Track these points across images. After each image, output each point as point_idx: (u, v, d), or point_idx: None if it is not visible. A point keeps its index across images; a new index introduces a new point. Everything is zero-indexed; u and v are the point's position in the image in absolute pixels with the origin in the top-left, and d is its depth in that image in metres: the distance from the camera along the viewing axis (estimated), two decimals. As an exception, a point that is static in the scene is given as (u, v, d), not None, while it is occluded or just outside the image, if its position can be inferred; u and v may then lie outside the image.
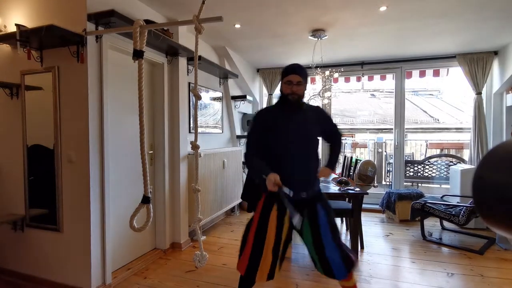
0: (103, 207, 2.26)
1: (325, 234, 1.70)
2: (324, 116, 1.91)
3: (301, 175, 1.75)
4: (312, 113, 1.85)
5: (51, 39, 2.06)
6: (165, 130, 2.99)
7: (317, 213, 1.74)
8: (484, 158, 0.53)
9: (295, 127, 1.77)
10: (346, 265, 1.70)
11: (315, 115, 1.85)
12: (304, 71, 1.79)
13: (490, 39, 3.57)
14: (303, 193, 1.74)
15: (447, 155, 5.84)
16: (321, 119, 1.88)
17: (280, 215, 1.75)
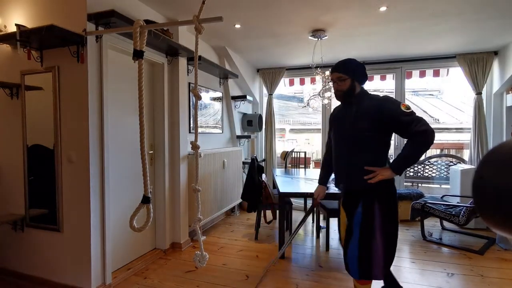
0: (103, 207, 2.26)
1: (355, 229, 1.75)
2: (379, 109, 1.69)
3: (341, 169, 1.84)
4: (369, 106, 1.72)
5: (51, 39, 2.06)
6: (165, 130, 2.99)
7: (356, 209, 1.76)
8: (484, 158, 0.53)
9: (341, 122, 1.83)
10: (360, 270, 1.72)
11: (370, 108, 1.71)
12: (345, 66, 1.79)
13: (490, 39, 3.57)
14: (341, 186, 1.87)
15: (447, 155, 5.84)
16: (375, 112, 1.69)
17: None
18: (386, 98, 1.74)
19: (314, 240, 3.48)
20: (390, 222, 1.73)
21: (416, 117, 1.62)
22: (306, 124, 9.46)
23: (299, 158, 5.00)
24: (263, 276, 2.53)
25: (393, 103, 1.69)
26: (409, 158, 1.65)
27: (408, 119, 1.61)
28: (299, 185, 3.34)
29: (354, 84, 1.78)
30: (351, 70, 1.78)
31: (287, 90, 6.90)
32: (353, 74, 1.77)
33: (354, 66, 1.79)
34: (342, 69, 1.78)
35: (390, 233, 1.74)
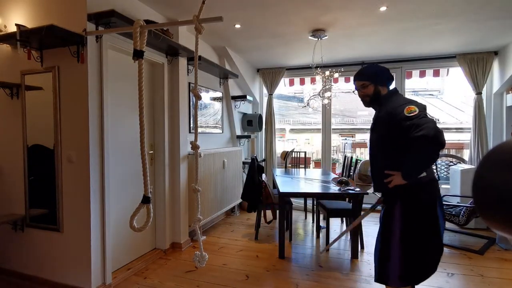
0: (103, 207, 2.26)
1: (379, 229, 1.81)
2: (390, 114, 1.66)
3: (373, 175, 1.86)
4: (386, 111, 1.71)
5: (51, 39, 2.06)
6: (165, 130, 2.99)
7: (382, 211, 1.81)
8: (484, 158, 0.53)
9: (371, 128, 1.85)
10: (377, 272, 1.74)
11: (386, 113, 1.70)
12: (364, 73, 1.84)
13: (490, 39, 3.57)
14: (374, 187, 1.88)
15: (447, 155, 5.84)
16: (387, 116, 1.68)
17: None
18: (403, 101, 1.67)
19: (314, 240, 3.48)
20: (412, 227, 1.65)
21: (417, 121, 1.51)
22: (306, 124, 9.47)
23: (299, 158, 5.00)
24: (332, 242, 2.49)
25: (400, 106, 1.62)
26: (413, 164, 1.57)
27: (408, 124, 1.54)
28: (299, 185, 3.34)
29: (378, 89, 1.80)
30: (371, 75, 1.81)
31: (287, 90, 6.91)
32: (374, 79, 1.80)
33: (374, 71, 1.81)
34: (363, 76, 1.83)
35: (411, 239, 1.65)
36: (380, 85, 1.80)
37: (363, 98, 1.86)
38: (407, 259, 1.65)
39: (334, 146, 7.67)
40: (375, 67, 1.84)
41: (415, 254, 1.65)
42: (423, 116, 1.53)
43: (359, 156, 7.65)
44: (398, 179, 1.64)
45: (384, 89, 1.81)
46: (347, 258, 2.93)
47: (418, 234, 1.65)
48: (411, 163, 1.57)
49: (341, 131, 11.02)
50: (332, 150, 5.22)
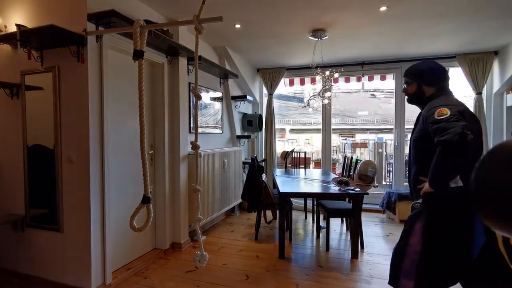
0: (103, 207, 2.26)
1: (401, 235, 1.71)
2: (425, 114, 1.57)
3: (408, 179, 1.77)
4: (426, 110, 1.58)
5: (51, 39, 2.06)
6: (165, 130, 2.99)
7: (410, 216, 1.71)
8: (484, 157, 0.53)
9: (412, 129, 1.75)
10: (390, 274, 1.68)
11: (424, 113, 1.59)
12: (410, 70, 1.79)
13: (490, 39, 3.57)
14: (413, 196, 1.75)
15: (447, 155, 5.85)
16: (421, 119, 1.60)
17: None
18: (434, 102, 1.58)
19: (314, 240, 3.48)
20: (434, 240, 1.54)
21: (444, 124, 1.41)
22: (306, 124, 9.48)
23: (299, 158, 5.00)
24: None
25: (432, 110, 1.53)
26: (436, 170, 1.47)
27: (435, 128, 1.44)
28: (299, 185, 3.34)
29: (421, 88, 1.71)
30: (414, 73, 1.74)
31: (287, 90, 6.92)
32: (418, 77, 1.72)
33: (420, 70, 1.73)
34: (407, 73, 1.78)
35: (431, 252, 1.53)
36: (424, 85, 1.70)
37: (406, 95, 1.81)
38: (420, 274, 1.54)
39: (334, 146, 7.68)
40: (425, 65, 1.74)
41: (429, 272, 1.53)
42: (454, 119, 1.40)
43: (359, 156, 7.65)
44: (426, 186, 1.53)
45: (430, 89, 1.69)
46: (347, 258, 2.93)
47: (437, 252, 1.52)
48: (434, 170, 1.47)
49: (341, 131, 11.03)
50: (332, 150, 5.23)
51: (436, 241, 1.52)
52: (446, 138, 1.36)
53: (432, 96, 1.67)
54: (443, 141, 1.38)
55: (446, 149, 1.38)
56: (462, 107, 1.52)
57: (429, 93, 1.70)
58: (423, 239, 1.54)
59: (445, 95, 1.66)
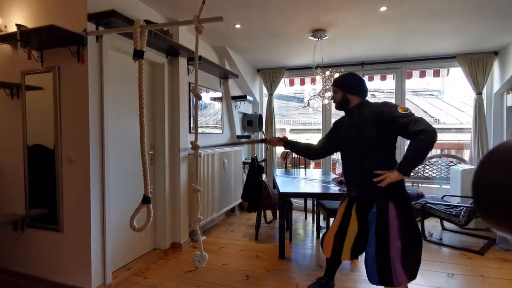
0: (103, 207, 2.26)
1: (372, 231, 1.82)
2: (379, 114, 1.79)
3: (353, 176, 1.93)
4: (370, 113, 1.84)
5: (51, 39, 2.06)
6: (165, 130, 2.99)
7: (369, 213, 1.86)
8: (485, 158, 0.53)
9: (347, 132, 1.96)
10: (380, 276, 1.74)
11: (371, 115, 1.83)
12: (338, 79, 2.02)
13: (490, 39, 3.56)
14: (353, 192, 1.96)
15: (447, 155, 5.84)
16: (376, 117, 1.80)
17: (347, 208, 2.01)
18: (384, 103, 1.85)
19: (314, 240, 3.48)
20: (406, 222, 1.76)
21: (415, 117, 1.67)
22: (307, 124, 9.45)
23: (299, 158, 5.00)
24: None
25: (391, 107, 1.78)
26: (412, 158, 1.68)
27: (406, 120, 1.67)
28: (299, 185, 3.34)
29: (346, 96, 1.96)
30: (342, 83, 1.98)
31: (287, 90, 6.91)
32: (344, 87, 1.96)
33: (346, 80, 1.98)
34: (335, 82, 2.02)
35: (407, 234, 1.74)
36: (349, 94, 1.95)
37: (333, 101, 2.06)
38: (407, 254, 1.72)
39: (334, 146, 7.64)
40: (349, 77, 1.99)
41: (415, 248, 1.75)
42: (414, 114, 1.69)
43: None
44: (394, 176, 1.72)
45: (355, 98, 1.95)
46: (347, 258, 2.93)
47: (412, 227, 1.78)
48: (413, 156, 1.66)
49: (341, 131, 10.99)
50: (332, 150, 5.21)
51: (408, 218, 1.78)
52: (425, 128, 1.59)
53: (360, 104, 1.93)
54: (423, 130, 1.58)
55: (428, 135, 1.58)
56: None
57: (354, 101, 1.95)
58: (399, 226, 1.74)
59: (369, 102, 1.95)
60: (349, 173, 1.99)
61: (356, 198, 1.96)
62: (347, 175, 2.01)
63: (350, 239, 1.98)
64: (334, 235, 2.04)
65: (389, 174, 1.73)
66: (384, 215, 1.77)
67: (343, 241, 2.00)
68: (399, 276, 1.70)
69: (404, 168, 1.71)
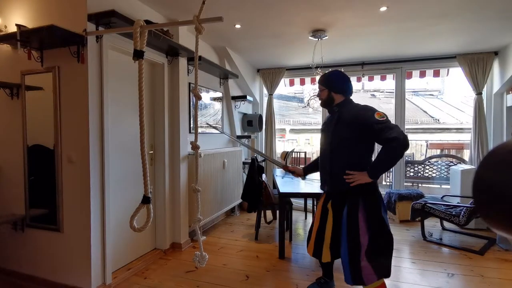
0: (103, 207, 2.26)
1: (343, 230, 1.85)
2: (356, 117, 1.82)
3: (325, 172, 1.98)
4: (348, 115, 1.87)
5: (51, 39, 2.06)
6: (165, 130, 2.99)
7: (343, 208, 1.89)
8: (485, 158, 0.53)
9: (326, 129, 2.00)
10: (353, 276, 1.76)
11: (348, 116, 1.86)
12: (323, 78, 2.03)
13: (490, 40, 3.57)
14: (324, 187, 2.02)
15: (447, 156, 5.84)
16: (352, 119, 1.83)
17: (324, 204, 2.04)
18: (363, 107, 1.87)
19: (314, 240, 3.48)
20: (374, 218, 1.80)
21: (389, 125, 1.70)
22: (306, 124, 9.45)
23: (299, 158, 5.00)
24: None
25: (368, 111, 1.80)
26: (382, 163, 1.73)
27: (380, 127, 1.70)
28: (299, 185, 3.34)
29: (331, 95, 1.97)
30: (327, 82, 2.00)
31: (287, 90, 6.92)
32: (329, 85, 1.98)
33: (331, 79, 1.99)
34: (320, 81, 2.04)
35: (375, 230, 1.78)
36: (333, 92, 1.97)
37: (319, 99, 2.07)
38: (376, 252, 1.76)
39: (334, 146, 7.63)
40: (335, 75, 2.01)
41: (382, 244, 1.79)
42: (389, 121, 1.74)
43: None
44: (363, 178, 1.77)
45: (339, 96, 1.97)
46: (347, 258, 2.92)
47: (380, 226, 1.81)
48: (382, 162, 1.72)
49: (341, 131, 11.00)
50: (332, 150, 5.21)
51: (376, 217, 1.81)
52: (396, 136, 1.63)
53: (343, 103, 1.96)
54: (394, 138, 1.63)
55: (398, 144, 1.62)
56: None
57: (338, 99, 1.97)
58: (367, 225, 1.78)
59: (352, 102, 1.98)
60: (322, 168, 2.03)
61: (330, 194, 1.99)
62: (321, 170, 2.06)
63: (328, 240, 1.97)
64: (315, 235, 2.04)
65: (359, 175, 1.79)
66: (354, 212, 1.81)
67: (322, 240, 1.99)
68: (366, 274, 1.73)
69: (372, 172, 1.76)
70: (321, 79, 2.04)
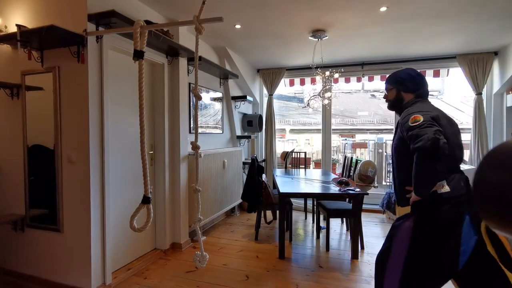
0: (103, 207, 2.26)
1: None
2: (401, 122, 1.58)
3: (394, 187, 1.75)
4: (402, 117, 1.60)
5: (51, 39, 2.06)
6: (165, 130, 2.99)
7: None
8: (485, 158, 0.53)
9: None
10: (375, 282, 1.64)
11: (401, 120, 1.60)
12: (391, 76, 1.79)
13: (490, 40, 3.57)
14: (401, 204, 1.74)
15: (447, 156, 5.84)
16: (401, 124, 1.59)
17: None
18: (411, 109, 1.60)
19: (314, 240, 3.48)
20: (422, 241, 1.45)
21: (417, 131, 1.43)
22: (306, 125, 9.47)
23: (299, 158, 5.00)
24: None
25: (408, 115, 1.54)
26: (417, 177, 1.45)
27: (409, 135, 1.47)
28: (299, 185, 3.34)
29: (400, 95, 1.73)
30: (394, 80, 1.75)
31: (287, 90, 6.92)
32: (397, 83, 1.73)
33: (400, 77, 1.73)
34: (388, 79, 1.80)
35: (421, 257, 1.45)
36: (403, 91, 1.71)
37: (386, 101, 1.82)
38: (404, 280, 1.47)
39: (334, 146, 7.68)
40: (404, 72, 1.74)
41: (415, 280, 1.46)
42: (426, 125, 1.41)
43: (359, 157, 7.65)
44: (413, 195, 1.50)
45: (408, 96, 1.71)
46: (347, 259, 2.93)
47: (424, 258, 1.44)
48: (415, 178, 1.45)
49: (341, 131, 11.03)
50: (332, 151, 5.22)
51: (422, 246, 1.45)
52: (420, 145, 1.38)
53: (409, 103, 1.69)
54: (417, 148, 1.39)
55: (421, 155, 1.39)
56: (436, 113, 1.52)
57: (407, 99, 1.71)
58: (409, 244, 1.48)
59: (421, 102, 1.67)
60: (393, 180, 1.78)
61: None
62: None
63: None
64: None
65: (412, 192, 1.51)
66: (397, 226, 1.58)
67: None
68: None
69: (415, 188, 1.48)
70: (388, 78, 1.80)
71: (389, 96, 1.78)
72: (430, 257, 1.42)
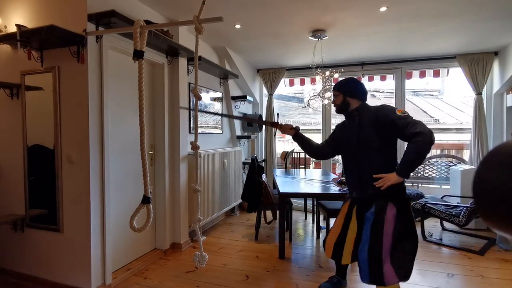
0: (103, 208, 2.26)
1: (366, 232, 1.84)
2: (377, 116, 1.83)
3: (353, 178, 1.97)
4: (369, 116, 1.87)
5: (51, 39, 2.06)
6: (165, 130, 2.99)
7: (367, 211, 1.87)
8: (485, 158, 0.53)
9: (347, 135, 2.00)
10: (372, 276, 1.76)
11: (370, 118, 1.86)
12: (339, 84, 2.05)
13: (490, 40, 3.57)
14: (354, 193, 2.00)
15: (447, 156, 5.84)
16: (374, 119, 1.83)
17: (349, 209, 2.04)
18: (382, 106, 1.87)
19: (314, 240, 3.48)
20: (403, 223, 1.78)
21: (412, 120, 1.70)
22: (306, 125, 9.45)
23: (299, 158, 5.00)
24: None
25: (389, 109, 1.81)
26: (410, 160, 1.70)
27: (403, 122, 1.70)
28: (299, 185, 3.34)
29: (346, 100, 1.99)
30: (342, 87, 2.01)
31: (287, 90, 6.91)
32: (344, 90, 1.99)
33: (346, 84, 2.01)
34: (335, 86, 2.05)
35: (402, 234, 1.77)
36: (349, 97, 1.98)
37: (334, 105, 2.08)
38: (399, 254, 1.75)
39: (334, 146, 7.63)
40: (350, 81, 2.02)
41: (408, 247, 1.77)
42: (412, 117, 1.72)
43: (359, 157, 7.62)
44: (393, 179, 1.74)
45: (354, 102, 1.98)
46: (347, 259, 2.92)
47: (409, 228, 1.80)
48: (410, 158, 1.68)
49: (341, 131, 11.01)
50: (332, 151, 5.21)
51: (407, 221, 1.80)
52: (421, 130, 1.61)
53: (360, 107, 1.95)
54: (420, 132, 1.61)
55: (425, 138, 1.60)
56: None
57: (354, 105, 1.97)
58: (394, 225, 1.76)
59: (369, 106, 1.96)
60: (349, 175, 2.02)
61: (357, 199, 1.98)
62: (348, 177, 2.04)
63: (350, 243, 1.99)
64: (336, 239, 2.05)
65: (388, 177, 1.76)
66: (381, 214, 1.79)
67: (343, 245, 2.02)
68: (388, 275, 1.72)
69: (402, 171, 1.73)
70: (335, 86, 2.06)
71: (337, 101, 2.03)
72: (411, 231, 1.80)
